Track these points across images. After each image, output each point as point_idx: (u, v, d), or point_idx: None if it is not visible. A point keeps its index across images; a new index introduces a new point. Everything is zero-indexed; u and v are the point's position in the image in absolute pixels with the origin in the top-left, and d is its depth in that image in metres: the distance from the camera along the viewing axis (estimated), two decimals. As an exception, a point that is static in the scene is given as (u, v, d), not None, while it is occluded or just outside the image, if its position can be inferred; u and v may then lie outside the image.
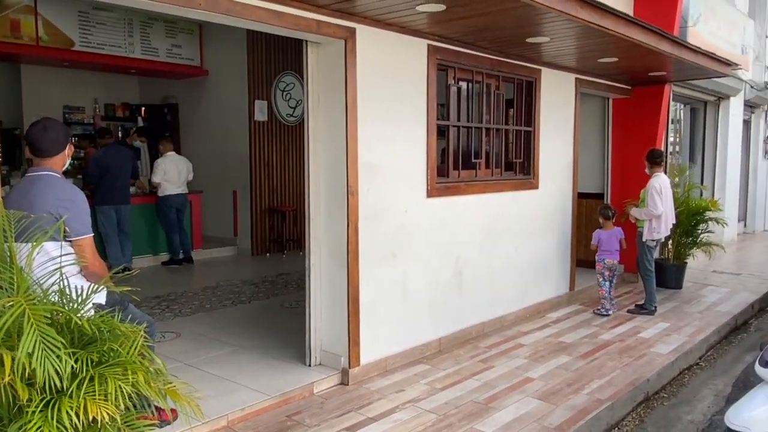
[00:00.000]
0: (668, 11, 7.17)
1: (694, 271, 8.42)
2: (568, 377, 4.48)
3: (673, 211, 6.33)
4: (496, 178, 5.65)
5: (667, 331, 5.74)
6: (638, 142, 7.52)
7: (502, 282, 5.75)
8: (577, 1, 4.11)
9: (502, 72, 5.55)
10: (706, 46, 9.05)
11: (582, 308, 6.54)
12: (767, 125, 13.62)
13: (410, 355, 4.74)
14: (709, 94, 10.72)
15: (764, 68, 13.00)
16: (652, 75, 6.93)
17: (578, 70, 6.50)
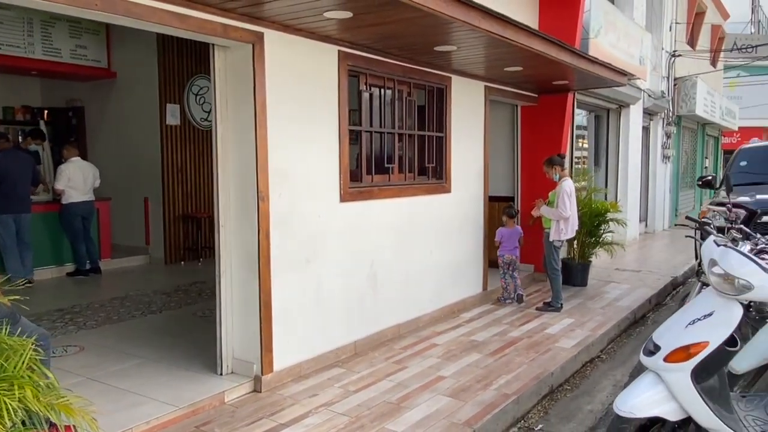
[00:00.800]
0: (570, 23, 7.57)
1: (599, 270, 8.92)
2: (477, 374, 4.64)
3: (576, 213, 6.69)
4: (409, 183, 5.77)
5: (572, 326, 6.05)
6: (545, 147, 7.87)
7: (417, 284, 5.86)
8: (479, 11, 4.28)
9: (414, 79, 5.68)
10: (607, 56, 9.63)
11: (494, 307, 6.78)
12: (665, 131, 14.61)
13: (325, 359, 4.75)
14: (611, 102, 11.39)
15: (661, 78, 13.98)
16: (556, 84, 7.30)
17: (487, 78, 6.74)
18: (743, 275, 2.74)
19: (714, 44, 19.13)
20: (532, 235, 7.52)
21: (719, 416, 2.85)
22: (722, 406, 2.92)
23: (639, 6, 12.04)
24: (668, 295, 8.13)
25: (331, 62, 4.71)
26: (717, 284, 2.84)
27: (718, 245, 2.97)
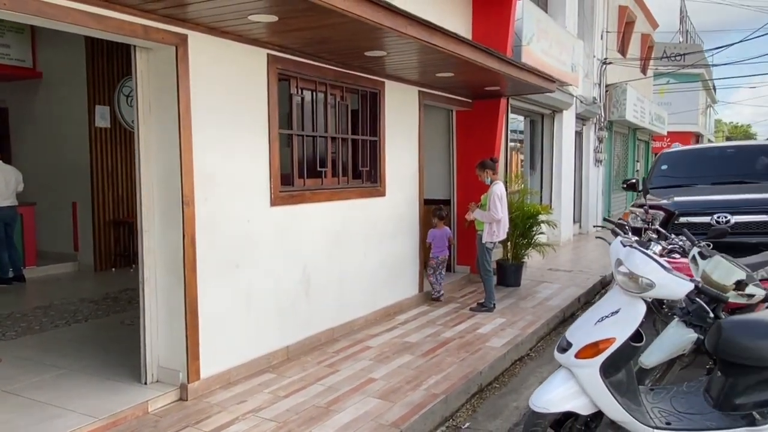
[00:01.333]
0: (502, 31, 7.78)
1: (533, 270, 9.18)
2: (408, 375, 4.69)
3: (507, 216, 6.87)
4: (343, 186, 5.79)
5: (503, 325, 6.20)
6: (480, 151, 8.05)
7: (351, 288, 5.89)
8: (406, 18, 4.35)
9: (346, 83, 5.71)
10: (539, 63, 9.94)
11: (429, 308, 6.88)
12: (597, 136, 15.17)
13: (256, 365, 4.71)
14: (545, 108, 11.75)
15: (593, 85, 14.52)
16: (488, 89, 7.48)
17: (421, 84, 6.85)
18: (646, 274, 2.89)
19: (644, 52, 20.01)
20: (467, 238, 7.69)
21: (627, 409, 2.99)
22: (630, 399, 3.07)
23: (571, 15, 12.47)
24: (597, 294, 8.44)
25: (260, 65, 4.68)
26: (622, 283, 2.99)
27: (624, 246, 3.13)
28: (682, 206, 6.33)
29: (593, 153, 14.98)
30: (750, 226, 5.93)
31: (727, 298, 3.10)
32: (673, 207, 6.33)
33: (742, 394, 2.96)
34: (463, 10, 7.78)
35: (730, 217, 5.96)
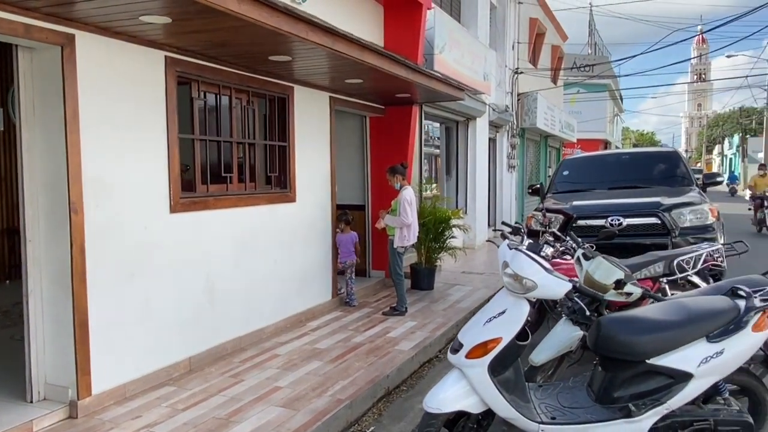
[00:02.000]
0: (413, 39, 7.93)
1: (447, 273, 9.38)
2: (314, 382, 4.67)
3: (417, 220, 6.99)
4: (250, 192, 5.70)
5: (413, 329, 6.29)
6: (393, 157, 8.12)
7: (260, 295, 5.80)
8: (307, 24, 4.35)
9: (252, 87, 5.63)
10: (451, 72, 10.19)
11: (342, 314, 6.88)
12: (510, 143, 15.73)
13: (155, 378, 4.54)
14: (460, 115, 12.06)
15: (505, 93, 15.05)
16: (400, 96, 7.59)
17: (332, 89, 6.86)
18: (529, 275, 3.02)
19: (554, 63, 20.94)
20: (382, 243, 7.75)
21: (515, 406, 3.11)
22: (518, 396, 3.19)
23: (483, 25, 12.88)
24: (507, 295, 8.72)
25: (157, 68, 4.53)
26: (508, 284, 3.11)
27: (511, 249, 3.25)
28: (579, 210, 6.66)
29: (506, 159, 15.51)
30: (640, 228, 6.32)
31: (603, 297, 3.29)
32: (572, 210, 6.65)
33: (620, 387, 3.14)
34: (374, 17, 7.87)
35: (622, 220, 6.32)
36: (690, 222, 6.24)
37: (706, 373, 3.02)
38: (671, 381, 3.03)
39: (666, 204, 6.36)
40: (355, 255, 7.17)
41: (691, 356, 3.01)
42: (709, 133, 78.60)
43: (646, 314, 3.20)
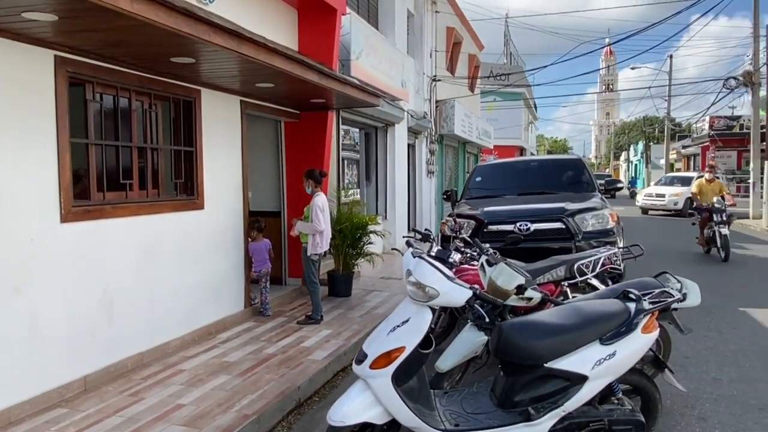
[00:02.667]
0: (327, 44, 7.86)
1: (366, 279, 9.36)
2: (221, 397, 4.49)
3: (330, 227, 6.91)
4: (153, 200, 5.43)
5: (328, 337, 6.20)
6: (309, 163, 8.02)
7: (165, 307, 5.53)
8: (209, 26, 4.19)
9: (155, 90, 5.38)
10: (369, 78, 10.22)
11: (255, 324, 6.69)
12: (429, 149, 15.96)
13: (45, 400, 4.22)
14: (378, 121, 12.11)
15: (423, 100, 15.27)
16: (314, 102, 7.50)
17: (243, 93, 6.68)
18: (431, 283, 3.02)
19: (471, 71, 21.49)
20: (298, 250, 7.61)
21: (419, 415, 3.09)
22: (423, 405, 3.18)
23: (401, 33, 13.01)
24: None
25: (45, 68, 4.23)
26: (412, 293, 3.10)
27: (414, 257, 3.25)
28: (490, 215, 6.82)
29: (425, 165, 15.73)
30: (546, 232, 6.55)
31: (502, 303, 3.34)
32: (483, 216, 6.80)
33: (520, 391, 3.20)
34: (288, 21, 7.74)
35: (530, 225, 6.52)
36: (592, 226, 6.53)
37: (600, 375, 3.13)
38: (568, 384, 3.12)
39: (570, 209, 6.62)
40: (269, 263, 7.00)
41: (586, 359, 3.11)
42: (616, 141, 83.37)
43: (544, 319, 3.28)
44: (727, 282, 9.06)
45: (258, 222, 7.00)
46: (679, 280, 3.95)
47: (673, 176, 25.93)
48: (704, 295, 3.82)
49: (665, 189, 23.51)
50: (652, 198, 23.74)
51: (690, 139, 39.32)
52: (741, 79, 22.57)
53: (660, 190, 23.76)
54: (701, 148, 34.57)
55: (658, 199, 23.28)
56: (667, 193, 22.90)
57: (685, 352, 5.36)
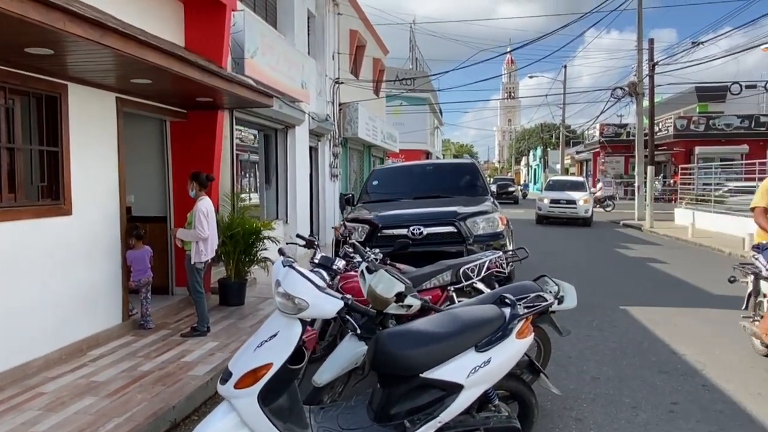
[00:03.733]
0: (216, 41, 7.50)
1: (263, 286, 9.01)
2: (83, 422, 4.08)
3: (216, 233, 6.57)
4: (8, 205, 4.88)
5: (214, 350, 5.86)
6: (198, 164, 7.59)
7: (26, 324, 4.99)
8: (64, 13, 3.79)
9: (10, 84, 4.84)
10: (265, 77, 9.90)
11: (134, 338, 6.21)
12: (332, 152, 15.79)
13: None
14: (278, 123, 11.77)
15: (326, 103, 15.07)
16: (201, 100, 7.11)
17: (118, 89, 6.19)
18: (300, 294, 2.84)
19: (376, 75, 21.55)
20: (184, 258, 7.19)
21: (289, 435, 2.90)
22: (295, 424, 2.98)
23: (301, 33, 12.75)
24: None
25: None
26: (280, 304, 2.90)
27: (285, 266, 3.05)
28: (384, 220, 6.74)
29: (329, 168, 15.54)
30: (439, 236, 6.55)
31: (374, 313, 3.23)
32: (377, 220, 6.71)
33: (396, 404, 3.08)
34: (174, 15, 7.30)
35: (423, 229, 6.50)
36: (483, 230, 6.60)
37: (475, 383, 3.07)
38: (443, 393, 3.04)
39: (462, 213, 6.67)
40: (150, 272, 6.54)
41: (461, 367, 3.04)
42: (517, 146, 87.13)
43: (421, 327, 3.19)
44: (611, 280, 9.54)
45: (137, 228, 6.52)
46: (556, 283, 4.01)
47: (564, 180, 23.51)
48: (590, 295, 3.90)
49: (574, 194, 20.97)
50: (561, 205, 20.66)
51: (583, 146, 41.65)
52: (626, 90, 24.14)
53: (569, 195, 20.91)
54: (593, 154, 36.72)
55: (569, 206, 20.52)
56: (578, 199, 20.52)
57: (568, 351, 5.51)
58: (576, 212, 20.28)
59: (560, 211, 20.46)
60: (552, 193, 21.40)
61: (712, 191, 19.70)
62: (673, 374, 4.95)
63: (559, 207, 20.53)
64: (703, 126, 29.78)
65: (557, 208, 20.53)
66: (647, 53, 22.41)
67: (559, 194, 20.83)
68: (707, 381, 4.80)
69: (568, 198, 20.56)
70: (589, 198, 20.84)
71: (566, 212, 20.53)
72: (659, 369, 5.07)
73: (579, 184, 22.44)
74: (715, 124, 29.79)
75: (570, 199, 20.45)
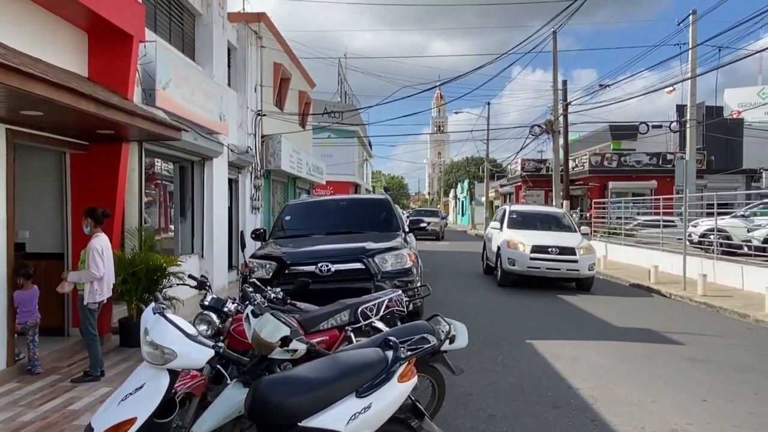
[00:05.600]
0: (122, 72, 7.30)
1: (171, 324, 8.64)
2: (-60, 485, 3.72)
3: (113, 271, 6.29)
4: None
5: (105, 396, 5.51)
6: (99, 198, 7.28)
7: None
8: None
9: None
10: (180, 109, 9.71)
11: (19, 385, 5.79)
12: (254, 184, 15.57)
13: None
14: (194, 155, 11.50)
15: (247, 135, 14.90)
16: (102, 133, 6.85)
17: (9, 121, 5.87)
18: (167, 344, 2.73)
19: (302, 108, 21.58)
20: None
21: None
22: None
23: (220, 65, 12.61)
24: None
25: None
26: (148, 354, 2.78)
27: (155, 313, 2.93)
28: (292, 256, 6.65)
29: (250, 200, 15.30)
30: (348, 273, 6.52)
31: (247, 362, 3.14)
32: (285, 257, 6.61)
33: (276, 454, 2.98)
34: (77, 45, 7.04)
35: (331, 266, 6.45)
36: (391, 266, 6.63)
37: (355, 430, 3.02)
38: (323, 442, 2.97)
39: (371, 250, 6.68)
40: (37, 313, 6.15)
41: (341, 414, 2.99)
42: (446, 179, 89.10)
43: (302, 373, 3.12)
44: (519, 314, 9.78)
45: (25, 267, 6.14)
46: (448, 323, 4.05)
47: (536, 212, 15.25)
48: (496, 328, 3.94)
49: (567, 238, 12.98)
50: (551, 257, 12.39)
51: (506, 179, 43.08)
52: (544, 127, 25.30)
53: (561, 239, 12.80)
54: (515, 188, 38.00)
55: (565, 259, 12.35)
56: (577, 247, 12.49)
57: (469, 388, 5.56)
58: (575, 269, 12.33)
59: (549, 268, 12.39)
60: (529, 234, 13.00)
61: (623, 225, 20.77)
62: (565, 409, 5.07)
63: (547, 260, 12.36)
64: (616, 162, 31.49)
65: (545, 263, 12.36)
66: (561, 93, 23.63)
67: (545, 237, 12.86)
68: (596, 416, 4.94)
69: (561, 244, 12.47)
70: (590, 246, 13.11)
71: (560, 269, 12.38)
72: (553, 404, 5.19)
73: (559, 218, 14.56)
74: (626, 161, 31.56)
75: (566, 246, 12.42)
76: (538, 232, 13.28)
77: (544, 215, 14.82)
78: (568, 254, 12.30)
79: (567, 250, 12.33)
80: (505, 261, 12.80)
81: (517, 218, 14.29)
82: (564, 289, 12.73)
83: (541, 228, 13.74)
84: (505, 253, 12.87)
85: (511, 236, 13.09)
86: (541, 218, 14.44)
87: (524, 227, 13.65)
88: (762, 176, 30.17)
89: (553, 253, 12.31)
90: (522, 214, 14.57)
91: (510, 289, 12.73)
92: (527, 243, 12.53)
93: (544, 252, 12.32)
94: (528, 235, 12.89)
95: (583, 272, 12.36)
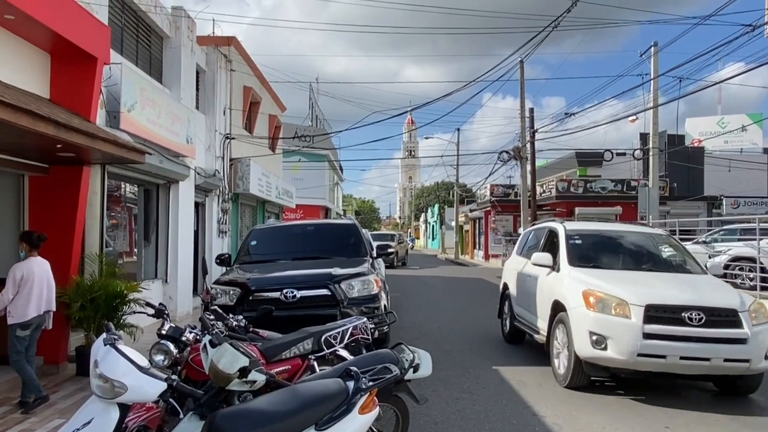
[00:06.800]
0: (85, 94, 7.17)
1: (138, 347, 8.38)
2: None
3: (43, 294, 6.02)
4: None
5: (59, 428, 5.30)
6: (58, 221, 7.11)
7: None
8: None
9: None
10: (145, 132, 9.58)
11: (-35, 419, 5.52)
12: (221, 208, 15.37)
13: None
14: (158, 178, 11.32)
15: (215, 158, 14.76)
16: (63, 155, 6.69)
17: (-37, 142, 5.71)
18: (118, 377, 2.62)
19: (272, 131, 21.50)
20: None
21: None
22: None
23: (188, 88, 12.52)
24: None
25: None
26: (97, 387, 2.67)
27: (106, 344, 2.83)
28: (256, 282, 6.54)
29: (217, 224, 15.08)
30: (314, 299, 6.43)
31: (202, 394, 3.05)
32: (249, 283, 6.50)
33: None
34: (39, 66, 6.92)
35: (296, 293, 6.36)
36: (358, 292, 6.57)
37: (315, 464, 2.94)
38: (278, 478, 2.88)
39: (337, 275, 6.61)
40: None
41: (299, 448, 2.91)
42: (417, 203, 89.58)
43: (258, 406, 3.04)
44: (488, 340, 9.74)
45: None
46: (412, 351, 4.01)
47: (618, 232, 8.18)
48: (464, 355, 3.88)
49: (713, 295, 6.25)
50: (698, 336, 5.73)
51: (476, 204, 43.49)
52: (512, 153, 25.69)
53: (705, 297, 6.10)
54: (484, 213, 38.31)
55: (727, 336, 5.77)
56: (741, 308, 5.93)
57: (435, 417, 5.49)
58: (743, 357, 5.83)
59: (687, 356, 5.78)
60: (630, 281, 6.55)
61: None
62: (531, 437, 5.04)
63: (684, 339, 5.79)
64: (582, 188, 32.04)
65: (678, 345, 5.78)
66: (529, 121, 24.09)
67: (668, 287, 6.39)
68: (561, 444, 4.92)
69: (707, 303, 6.00)
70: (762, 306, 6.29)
71: (709, 358, 5.77)
72: (519, 433, 5.16)
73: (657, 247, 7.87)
74: (592, 187, 32.13)
75: (718, 308, 5.99)
76: (640, 275, 6.93)
77: (632, 243, 7.86)
78: (725, 326, 5.88)
79: (722, 314, 5.96)
80: (584, 339, 6.14)
81: (583, 247, 7.60)
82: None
83: (634, 266, 7.33)
84: (583, 323, 6.21)
85: (594, 284, 6.48)
86: (626, 248, 7.76)
87: (602, 264, 7.27)
88: (722, 203, 31.07)
89: (695, 323, 5.83)
90: (592, 240, 7.80)
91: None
92: (636, 301, 6.01)
93: (675, 322, 5.86)
94: (629, 283, 6.45)
95: (757, 364, 5.88)
